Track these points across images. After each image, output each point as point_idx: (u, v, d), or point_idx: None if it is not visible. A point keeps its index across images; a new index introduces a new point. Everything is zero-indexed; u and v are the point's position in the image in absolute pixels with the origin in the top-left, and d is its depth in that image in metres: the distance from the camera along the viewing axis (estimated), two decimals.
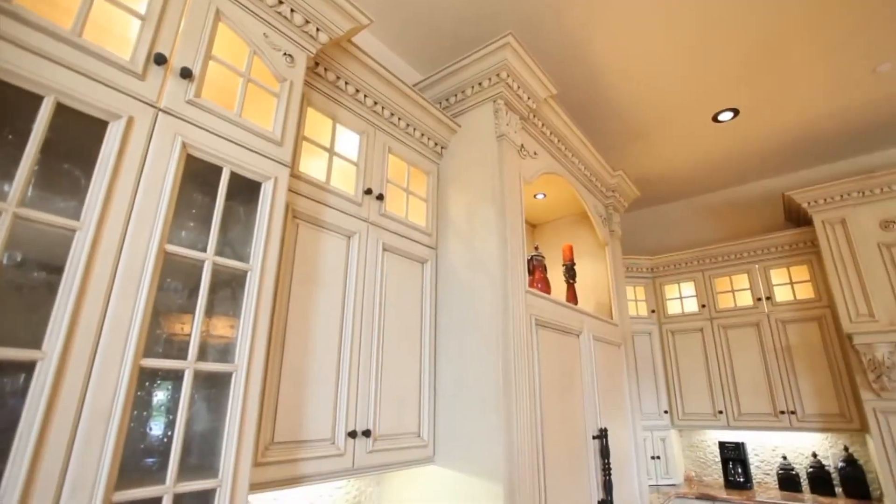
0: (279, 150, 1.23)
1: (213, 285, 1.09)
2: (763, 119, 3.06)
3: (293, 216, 1.40)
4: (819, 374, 3.13)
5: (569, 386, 2.05)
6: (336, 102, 1.64)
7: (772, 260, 3.45)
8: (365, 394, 1.49)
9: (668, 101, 2.87)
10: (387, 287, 1.67)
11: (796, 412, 3.15)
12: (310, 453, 1.29)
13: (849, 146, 3.40)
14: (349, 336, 1.48)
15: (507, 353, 1.65)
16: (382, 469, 1.50)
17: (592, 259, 2.87)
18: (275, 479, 1.19)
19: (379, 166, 1.75)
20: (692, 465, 3.75)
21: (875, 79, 2.69)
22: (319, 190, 1.50)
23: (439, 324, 1.85)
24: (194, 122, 1.05)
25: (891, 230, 2.91)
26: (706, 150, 3.43)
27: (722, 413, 3.42)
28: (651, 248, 4.38)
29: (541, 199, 2.82)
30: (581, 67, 2.58)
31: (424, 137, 1.98)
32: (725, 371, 3.47)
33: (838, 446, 3.23)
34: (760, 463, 3.47)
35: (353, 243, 1.57)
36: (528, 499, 1.57)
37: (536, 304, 1.91)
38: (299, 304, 1.36)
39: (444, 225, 1.97)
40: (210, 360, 1.05)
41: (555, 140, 2.35)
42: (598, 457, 2.14)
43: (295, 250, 1.39)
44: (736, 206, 4.04)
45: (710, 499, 3.12)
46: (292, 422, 1.27)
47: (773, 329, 3.34)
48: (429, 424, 1.72)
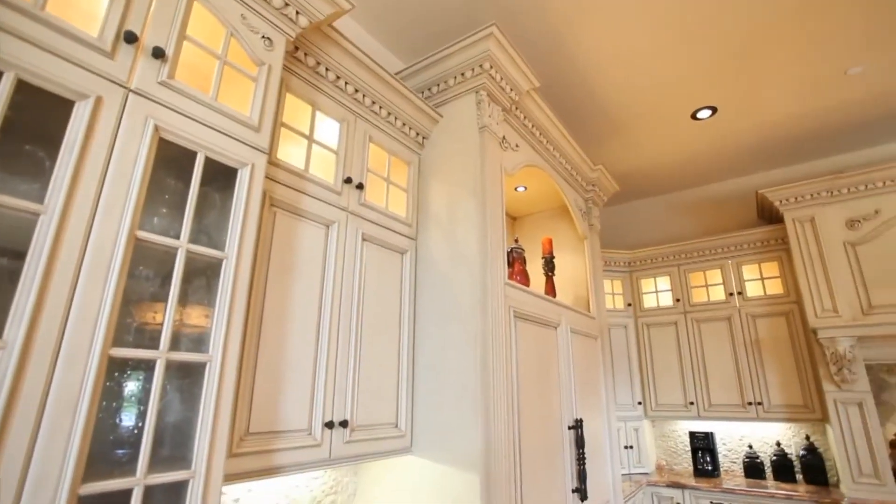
0: (256, 136, 1.20)
1: (187, 274, 1.06)
2: (740, 118, 3.12)
3: (271, 204, 1.37)
4: (785, 367, 3.24)
5: (546, 377, 2.07)
6: (316, 89, 1.60)
7: (744, 256, 3.55)
8: (343, 384, 1.48)
9: (649, 97, 2.90)
10: (366, 277, 1.66)
11: (763, 403, 3.26)
12: (286, 444, 1.28)
13: (820, 146, 3.50)
14: (327, 326, 1.46)
15: (485, 344, 1.66)
16: (359, 459, 1.50)
17: (571, 252, 2.91)
18: (250, 470, 1.17)
19: (359, 155, 1.73)
20: (663, 454, 3.86)
21: (846, 81, 2.77)
22: (298, 178, 1.47)
23: (418, 314, 1.85)
24: (167, 104, 1.02)
25: (856, 229, 3.01)
26: (685, 146, 3.49)
27: (693, 404, 3.51)
28: (629, 242, 4.46)
29: (521, 192, 2.83)
30: (564, 61, 2.59)
31: (406, 127, 1.96)
32: (697, 364, 3.56)
33: (800, 435, 3.37)
34: (728, 452, 3.59)
35: (332, 232, 1.55)
36: (504, 488, 1.59)
37: (515, 297, 1.92)
38: (276, 293, 1.34)
39: (424, 216, 1.96)
40: (183, 350, 1.03)
41: (536, 133, 2.36)
42: (574, 447, 2.18)
43: (272, 239, 1.36)
44: (712, 202, 4.12)
45: (680, 486, 3.22)
46: (268, 412, 1.26)
47: (744, 323, 3.44)
48: (406, 415, 1.72)
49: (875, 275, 2.90)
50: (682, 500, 3.20)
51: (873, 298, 2.87)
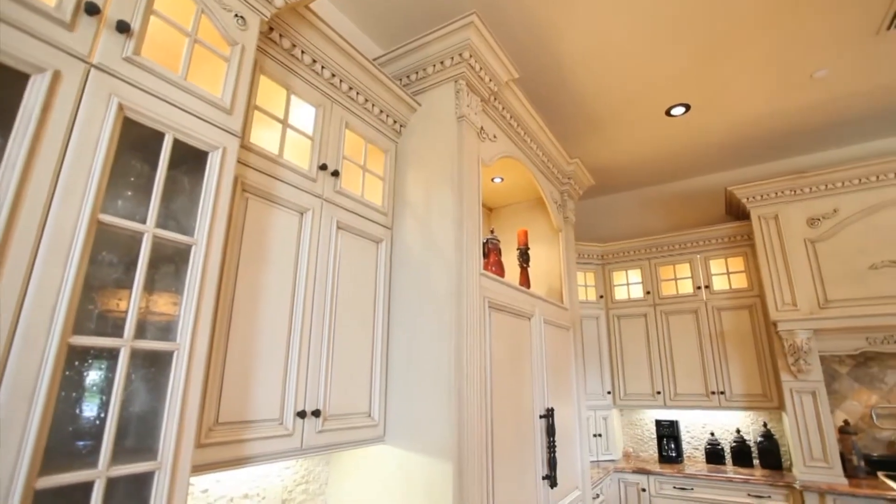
0: (228, 119, 1.16)
1: (154, 260, 1.02)
2: (712, 116, 3.19)
3: (243, 189, 1.33)
4: (746, 358, 3.37)
5: (519, 367, 2.10)
6: (291, 72, 1.56)
7: (712, 251, 3.66)
8: (315, 374, 1.46)
9: (625, 93, 2.94)
10: (340, 266, 1.63)
11: (725, 393, 3.39)
12: (257, 434, 1.26)
13: (787, 146, 3.62)
14: (300, 315, 1.44)
15: (459, 334, 1.66)
16: (332, 449, 1.49)
17: (546, 244, 2.94)
18: (219, 461, 1.15)
19: (335, 141, 1.70)
20: (630, 441, 3.98)
21: (812, 84, 2.87)
22: (271, 163, 1.43)
23: (393, 304, 1.84)
24: (132, 82, 0.97)
25: (815, 227, 3.14)
26: (659, 142, 3.56)
27: (660, 394, 3.63)
28: (602, 235, 4.53)
29: (498, 183, 2.83)
30: (544, 53, 2.59)
31: (383, 115, 1.93)
32: (665, 354, 3.67)
33: (758, 423, 3.52)
34: (691, 439, 3.73)
35: (306, 220, 1.53)
36: (476, 476, 1.61)
37: (490, 287, 1.93)
38: (248, 280, 1.31)
39: (400, 205, 1.94)
40: (150, 339, 0.99)
41: (514, 124, 2.36)
42: (544, 435, 2.22)
43: (244, 225, 1.33)
44: (683, 198, 4.23)
45: (645, 472, 3.33)
46: (239, 402, 1.23)
47: (710, 316, 3.56)
48: (380, 404, 1.72)
49: (832, 271, 3.03)
50: (648, 486, 3.31)
51: (829, 293, 3.01)
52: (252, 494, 1.55)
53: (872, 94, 2.97)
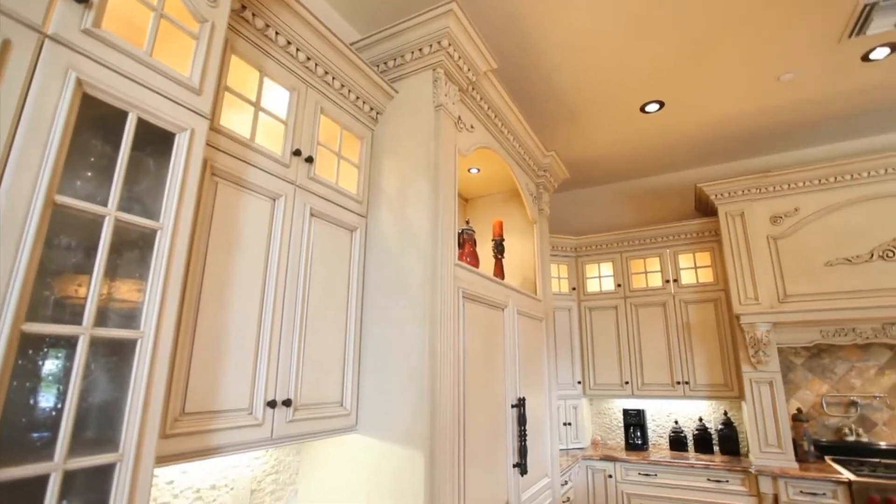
0: (197, 99, 1.11)
1: (117, 244, 0.98)
2: (684, 114, 3.26)
3: (212, 173, 1.29)
4: (710, 350, 3.50)
5: (492, 357, 2.12)
6: (265, 53, 1.51)
7: (681, 246, 3.76)
8: (286, 363, 1.44)
9: (602, 87, 2.96)
10: (313, 253, 1.61)
11: (689, 383, 3.51)
12: (225, 424, 1.23)
13: (754, 146, 3.73)
14: (271, 303, 1.41)
15: (433, 324, 1.66)
16: (303, 439, 1.47)
17: (521, 236, 2.96)
18: (185, 452, 1.13)
19: (309, 127, 1.66)
20: (599, 430, 4.08)
21: (779, 87, 2.96)
22: (243, 147, 1.39)
23: (367, 293, 1.82)
24: (92, 55, 0.92)
25: (778, 224, 3.26)
26: (633, 138, 3.61)
27: (628, 383, 3.73)
28: (575, 228, 4.60)
29: (475, 174, 2.83)
30: (522, 44, 2.58)
31: (359, 101, 1.90)
32: (634, 346, 3.77)
33: (719, 411, 3.66)
34: (656, 427, 3.85)
35: (279, 206, 1.49)
36: (447, 464, 1.63)
37: (465, 278, 1.94)
38: (216, 267, 1.27)
39: (375, 193, 1.92)
40: (112, 326, 0.95)
41: (492, 115, 2.35)
42: (516, 424, 2.26)
43: (213, 210, 1.28)
44: (654, 194, 4.32)
45: (612, 459, 3.43)
46: (206, 391, 1.20)
47: (677, 308, 3.67)
48: (352, 393, 1.70)
49: (791, 267, 3.16)
50: (614, 473, 3.41)
51: (788, 288, 3.14)
52: (220, 485, 1.52)
53: (834, 99, 3.09)
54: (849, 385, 3.30)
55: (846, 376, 3.32)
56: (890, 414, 3.17)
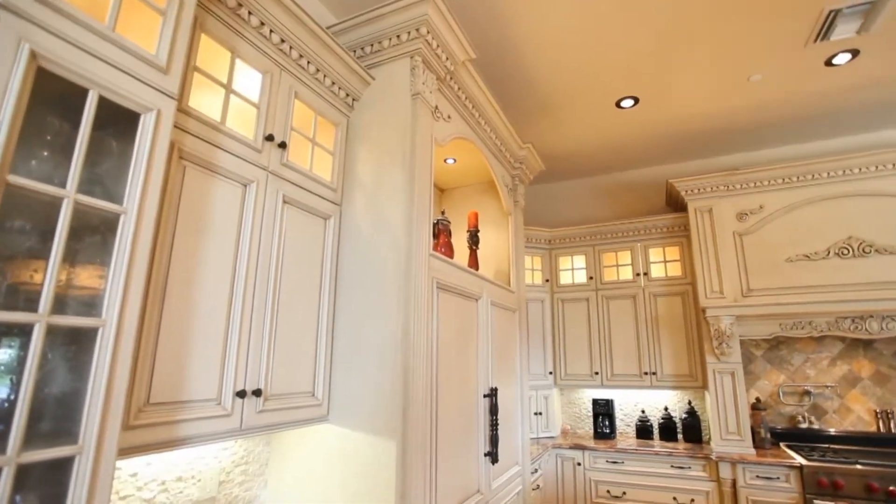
0: (164, 79, 1.07)
1: (77, 228, 0.94)
2: (658, 110, 3.32)
3: (180, 157, 1.24)
4: (677, 341, 3.61)
5: (465, 347, 2.13)
6: (237, 34, 1.46)
7: (651, 240, 3.85)
8: (257, 352, 1.41)
9: (579, 82, 2.98)
10: (285, 241, 1.57)
11: (657, 373, 3.62)
12: (192, 414, 1.20)
13: (724, 144, 3.83)
14: (241, 292, 1.38)
15: (407, 314, 1.66)
16: (273, 429, 1.45)
17: (496, 227, 2.97)
18: (149, 443, 1.09)
19: (283, 111, 1.61)
20: (569, 419, 4.17)
21: (748, 87, 3.04)
22: (213, 130, 1.34)
23: (340, 282, 1.80)
24: (48, 27, 0.87)
25: (743, 221, 3.37)
26: (608, 133, 3.66)
27: (598, 374, 3.81)
28: (550, 221, 4.65)
29: (451, 164, 2.82)
30: (501, 35, 2.57)
31: (335, 87, 1.86)
32: (604, 337, 3.85)
33: (684, 401, 3.79)
34: (624, 416, 3.96)
35: (250, 192, 1.45)
36: (419, 454, 1.63)
37: (439, 268, 1.93)
38: (184, 254, 1.23)
39: (350, 181, 1.89)
40: (71, 314, 0.91)
41: (469, 106, 2.34)
42: (488, 413, 2.28)
43: (181, 195, 1.24)
44: (627, 188, 4.40)
45: (581, 448, 3.51)
46: (173, 381, 1.17)
47: (647, 301, 3.76)
48: (324, 383, 1.69)
49: (754, 262, 3.28)
50: (583, 460, 3.50)
51: (751, 283, 3.25)
52: (186, 477, 1.49)
53: (799, 101, 3.19)
54: (804, 375, 3.47)
55: (802, 367, 3.48)
56: (839, 402, 3.35)
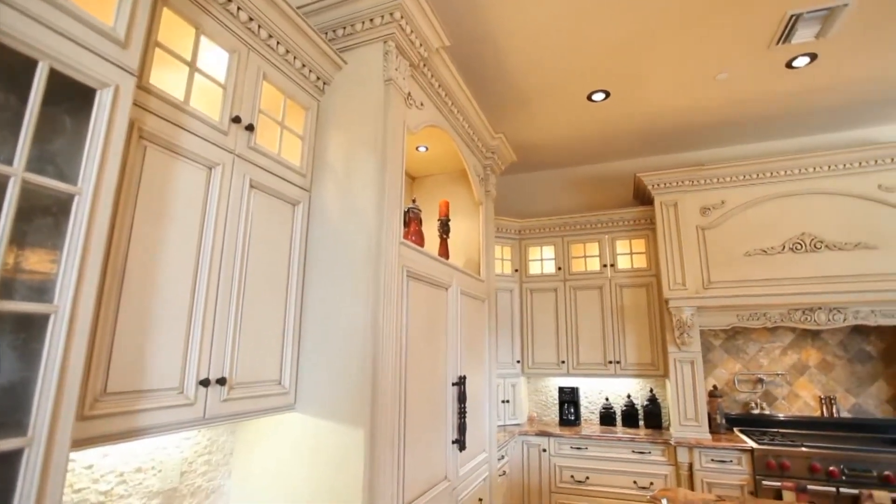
0: (122, 53, 1.02)
1: (26, 209, 0.89)
2: (628, 104, 3.38)
3: (140, 136, 1.19)
4: (641, 331, 3.72)
5: (434, 336, 2.14)
6: (202, 9, 1.40)
7: (619, 232, 3.94)
8: (221, 340, 1.38)
9: (552, 73, 3.00)
10: (252, 226, 1.54)
11: (621, 362, 3.73)
12: (153, 404, 1.17)
13: (691, 140, 3.94)
14: (205, 278, 1.34)
15: (376, 302, 1.65)
16: (238, 418, 1.43)
17: (467, 216, 2.98)
18: (106, 434, 1.06)
19: (250, 93, 1.56)
20: (535, 407, 4.26)
21: (716, 85, 3.13)
22: (176, 110, 1.29)
23: (309, 268, 1.77)
24: None
25: (706, 216, 3.49)
26: (579, 125, 3.71)
27: (564, 363, 3.90)
28: (520, 211, 4.69)
29: (423, 152, 2.81)
30: (476, 23, 2.55)
31: (305, 69, 1.81)
32: (571, 327, 3.94)
33: (646, 389, 3.93)
34: (588, 404, 4.08)
35: (215, 175, 1.40)
36: (387, 441, 1.64)
37: (409, 256, 1.93)
38: (145, 238, 1.18)
39: (320, 166, 1.85)
40: (19, 300, 0.87)
41: (442, 94, 2.33)
42: (456, 401, 2.31)
43: (141, 176, 1.19)
44: (596, 181, 4.48)
45: (547, 435, 3.60)
46: (132, 370, 1.13)
47: (613, 292, 3.86)
48: (291, 371, 1.67)
49: (715, 256, 3.41)
50: (548, 447, 3.59)
51: (712, 275, 3.38)
52: (146, 468, 1.45)
53: (762, 101, 3.31)
54: (757, 364, 3.64)
55: (756, 356, 3.66)
56: (788, 389, 3.54)
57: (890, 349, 3.38)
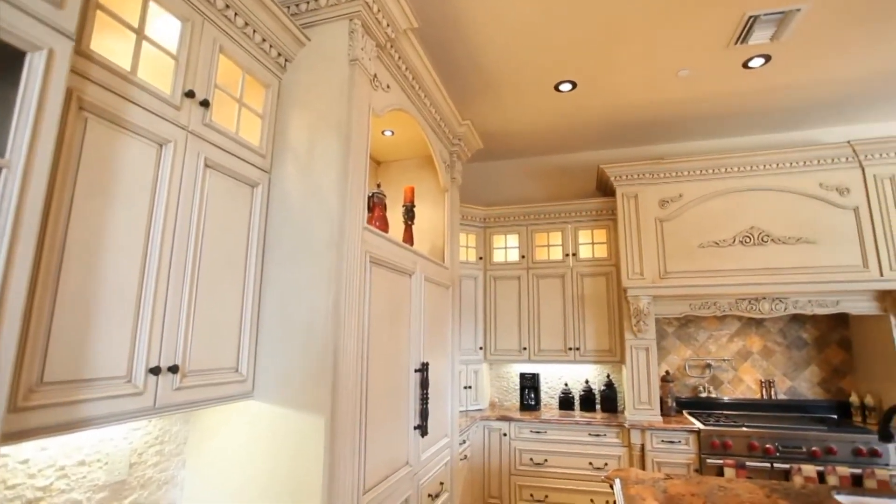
0: (57, 14, 0.93)
1: None
2: (594, 96, 3.42)
3: (80, 107, 1.10)
4: (600, 319, 3.83)
5: (397, 322, 2.12)
6: None
7: (581, 222, 4.01)
8: (174, 326, 1.32)
9: (520, 62, 2.99)
10: (207, 208, 1.46)
11: (580, 349, 3.83)
12: (97, 393, 1.10)
13: (653, 134, 4.04)
14: (156, 260, 1.27)
15: (338, 288, 1.62)
16: (192, 407, 1.37)
17: (432, 203, 2.96)
18: (42, 426, 0.99)
19: (205, 66, 1.48)
20: (497, 392, 4.33)
21: (677, 81, 3.20)
22: (122, 80, 1.20)
23: (268, 253, 1.71)
24: None
25: (665, 208, 3.60)
26: (545, 115, 3.73)
27: (526, 349, 3.97)
28: (485, 199, 4.71)
29: (388, 137, 2.76)
30: (445, 7, 2.50)
31: (266, 44, 1.73)
32: (533, 314, 4.01)
33: (603, 374, 4.06)
34: (549, 389, 4.18)
35: (167, 153, 1.32)
36: (349, 428, 1.62)
37: (373, 242, 1.90)
38: (86, 217, 1.11)
39: (281, 147, 1.79)
40: None
41: (409, 77, 2.28)
42: (419, 388, 2.31)
43: (82, 150, 1.11)
44: (561, 171, 4.54)
45: (508, 419, 3.67)
46: (73, 358, 1.06)
47: (574, 281, 3.94)
48: (249, 358, 1.62)
49: (672, 247, 3.53)
50: (509, 431, 3.66)
51: (668, 266, 3.51)
52: (90, 461, 1.38)
53: (720, 98, 3.42)
54: (706, 350, 3.82)
55: (705, 343, 3.84)
56: (733, 374, 3.74)
57: (823, 336, 3.62)
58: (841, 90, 3.32)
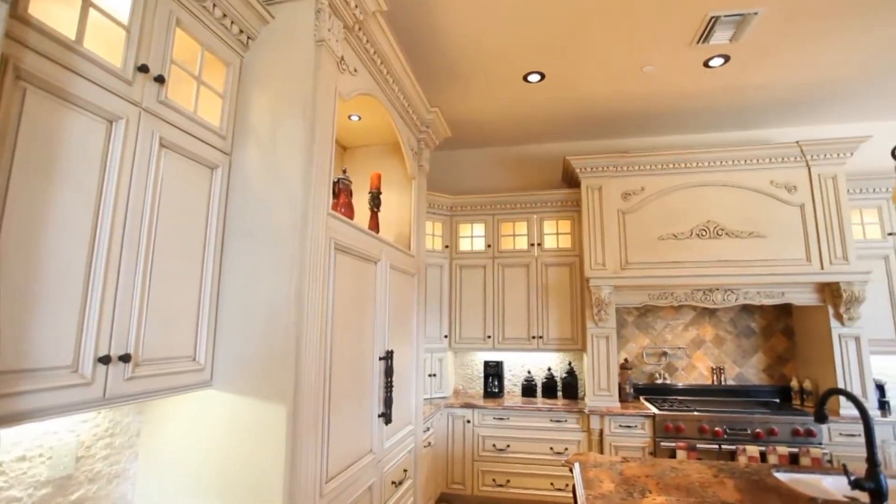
0: None
1: None
2: (562, 88, 3.46)
3: (17, 76, 1.02)
4: (563, 308, 3.92)
5: (362, 310, 2.10)
6: None
7: (547, 213, 4.07)
8: (125, 314, 1.26)
9: (490, 51, 2.98)
10: (163, 189, 1.40)
11: (543, 337, 3.91)
12: (40, 384, 1.04)
13: (618, 127, 4.13)
14: (106, 244, 1.20)
15: (302, 275, 1.58)
16: (145, 397, 1.32)
17: (398, 190, 2.93)
18: None
19: (160, 40, 1.40)
20: (461, 380, 4.37)
21: (642, 76, 3.28)
22: (65, 50, 1.12)
23: (228, 238, 1.66)
24: None
25: (627, 200, 3.70)
26: (514, 106, 3.75)
27: (490, 338, 4.02)
28: (452, 188, 4.70)
29: (355, 122, 2.71)
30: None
31: (227, 20, 1.65)
32: (498, 303, 4.06)
33: (565, 362, 4.16)
34: (512, 377, 4.25)
35: (117, 130, 1.25)
36: (311, 417, 1.60)
37: (338, 228, 1.86)
38: (25, 198, 1.03)
39: (242, 129, 1.72)
40: None
41: (377, 61, 2.24)
42: (383, 375, 2.30)
43: (20, 123, 1.03)
44: (528, 161, 4.58)
45: (471, 406, 3.71)
46: (12, 348, 1.00)
47: (539, 271, 4.01)
48: (207, 347, 1.57)
49: (633, 239, 3.64)
50: (472, 418, 3.71)
51: (629, 257, 3.61)
52: (32, 455, 1.30)
53: (683, 95, 3.53)
54: (663, 339, 3.98)
55: (662, 332, 3.99)
56: (687, 361, 3.91)
57: (769, 326, 3.84)
58: (792, 92, 3.49)
